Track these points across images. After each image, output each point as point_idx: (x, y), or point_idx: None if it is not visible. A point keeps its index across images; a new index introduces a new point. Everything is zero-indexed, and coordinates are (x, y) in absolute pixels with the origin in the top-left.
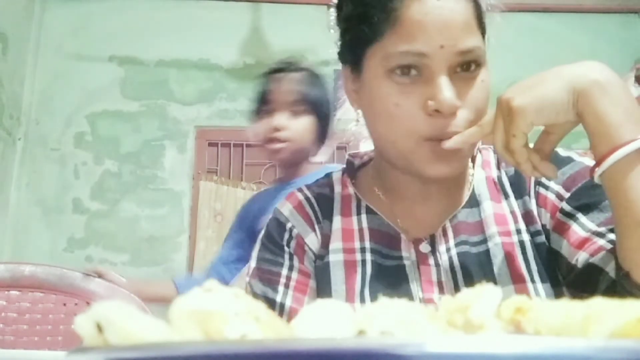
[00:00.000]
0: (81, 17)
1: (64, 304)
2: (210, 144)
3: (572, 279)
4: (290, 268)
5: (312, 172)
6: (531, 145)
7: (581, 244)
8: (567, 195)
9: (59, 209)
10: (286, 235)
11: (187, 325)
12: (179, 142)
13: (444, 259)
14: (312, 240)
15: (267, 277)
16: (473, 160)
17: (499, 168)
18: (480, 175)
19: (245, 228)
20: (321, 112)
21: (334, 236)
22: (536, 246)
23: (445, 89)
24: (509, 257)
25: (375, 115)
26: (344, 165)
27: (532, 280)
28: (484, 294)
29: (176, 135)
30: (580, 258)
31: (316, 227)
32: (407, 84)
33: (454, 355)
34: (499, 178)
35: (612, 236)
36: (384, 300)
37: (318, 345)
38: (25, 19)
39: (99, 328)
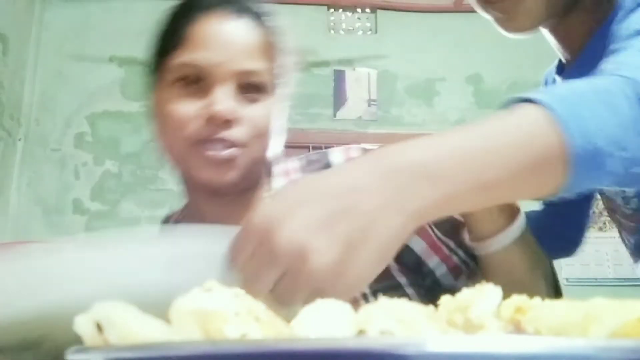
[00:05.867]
0: (81, 17)
1: None
2: None
3: None
4: None
5: None
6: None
7: None
8: None
9: (59, 209)
10: None
11: (187, 325)
12: None
13: None
14: None
15: None
16: (269, 174)
17: (304, 171)
18: (282, 183)
19: None
20: None
21: None
22: None
23: (220, 99)
24: None
25: (158, 125)
26: None
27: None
28: (484, 293)
29: None
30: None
31: None
32: (190, 93)
33: (454, 355)
34: None
35: None
36: (384, 300)
37: (318, 345)
38: (25, 19)
39: (99, 328)
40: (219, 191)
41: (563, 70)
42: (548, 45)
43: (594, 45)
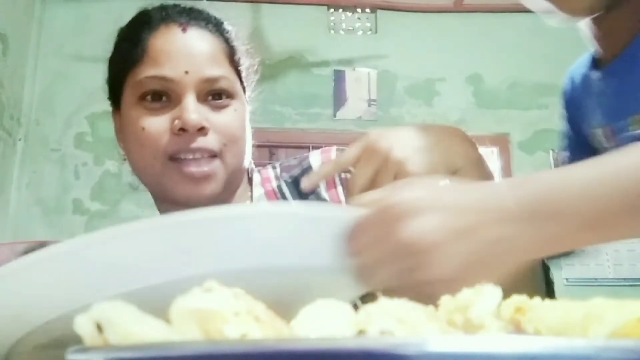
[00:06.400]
0: (81, 17)
1: None
2: None
3: None
4: None
5: None
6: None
7: None
8: None
9: (59, 209)
10: None
11: (187, 325)
12: None
13: None
14: None
15: None
16: (250, 183)
17: (278, 179)
18: (259, 192)
19: None
20: None
21: None
22: None
23: (190, 108)
24: None
25: (128, 144)
26: None
27: None
28: (484, 293)
29: None
30: None
31: None
32: (157, 109)
33: (454, 355)
34: (279, 187)
35: None
36: (384, 300)
37: (318, 345)
38: (25, 19)
39: (99, 328)
40: (196, 206)
41: (597, 65)
42: (547, 46)
43: None
